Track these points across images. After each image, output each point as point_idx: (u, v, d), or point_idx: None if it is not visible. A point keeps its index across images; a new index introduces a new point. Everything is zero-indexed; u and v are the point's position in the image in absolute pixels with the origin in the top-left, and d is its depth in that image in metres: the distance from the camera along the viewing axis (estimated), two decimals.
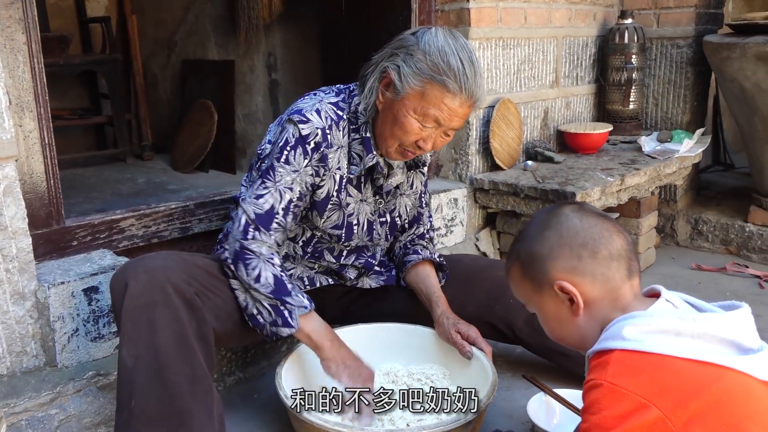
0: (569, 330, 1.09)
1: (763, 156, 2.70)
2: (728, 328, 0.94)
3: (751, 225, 2.81)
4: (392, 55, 1.51)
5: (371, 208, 1.70)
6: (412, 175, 1.77)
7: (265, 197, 1.52)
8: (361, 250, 1.74)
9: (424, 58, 1.45)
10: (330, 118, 1.56)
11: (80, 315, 1.58)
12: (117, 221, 1.78)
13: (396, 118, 1.50)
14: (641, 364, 0.93)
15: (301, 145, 1.52)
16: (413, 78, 1.46)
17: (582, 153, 2.79)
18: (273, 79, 3.79)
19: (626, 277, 1.04)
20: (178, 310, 1.34)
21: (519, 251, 1.12)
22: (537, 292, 1.09)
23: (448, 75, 1.44)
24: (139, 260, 1.43)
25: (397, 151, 1.57)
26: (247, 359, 1.88)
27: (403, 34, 1.54)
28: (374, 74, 1.54)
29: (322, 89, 1.66)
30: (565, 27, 2.81)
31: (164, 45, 4.48)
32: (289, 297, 1.47)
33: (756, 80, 2.53)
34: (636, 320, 0.97)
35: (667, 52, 3.00)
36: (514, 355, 1.99)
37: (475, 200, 2.54)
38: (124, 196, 3.48)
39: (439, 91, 1.45)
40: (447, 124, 1.50)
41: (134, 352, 1.31)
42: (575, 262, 1.04)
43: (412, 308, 1.79)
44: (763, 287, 2.54)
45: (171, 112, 4.52)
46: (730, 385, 0.90)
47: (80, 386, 1.55)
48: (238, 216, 1.51)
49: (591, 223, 1.05)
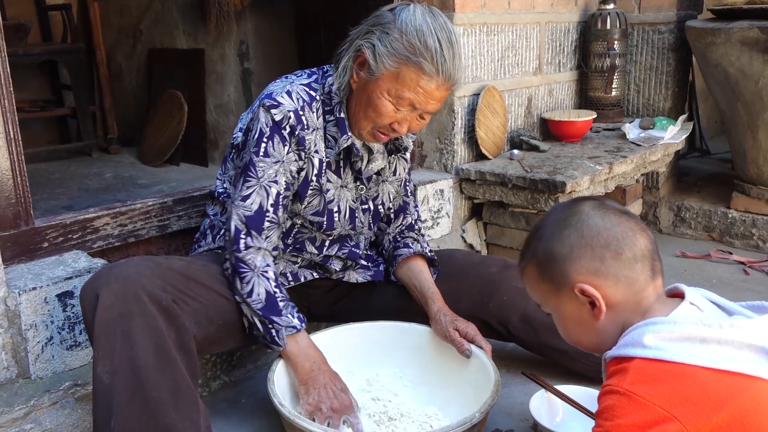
0: (588, 333, 1.04)
1: (746, 142, 2.69)
2: (758, 333, 0.88)
3: (734, 211, 2.81)
4: (368, 32, 1.44)
5: (353, 194, 1.63)
6: (395, 161, 1.70)
7: (251, 197, 1.45)
8: (344, 240, 1.67)
9: (400, 37, 1.38)
10: (302, 99, 1.49)
11: (54, 322, 1.47)
12: (90, 220, 1.67)
13: (370, 99, 1.44)
14: (662, 374, 0.88)
15: (277, 133, 1.46)
16: (388, 58, 1.39)
17: (566, 141, 2.75)
18: (246, 68, 3.66)
19: (650, 279, 0.98)
20: (155, 320, 1.26)
21: (536, 250, 1.05)
22: (555, 293, 1.03)
23: (424, 56, 1.37)
24: (109, 268, 1.33)
25: (370, 133, 1.51)
26: (233, 362, 1.80)
27: (380, 9, 1.47)
28: (348, 52, 1.47)
29: (295, 73, 1.59)
30: (548, 12, 2.76)
31: (129, 33, 4.31)
32: (277, 317, 1.44)
33: (740, 65, 2.52)
34: (658, 326, 0.92)
35: (648, 38, 2.97)
36: (506, 351, 1.94)
37: (461, 191, 2.48)
38: (92, 191, 3.33)
39: (414, 73, 1.39)
40: (422, 108, 1.44)
41: (110, 368, 1.22)
42: (597, 263, 0.98)
43: (402, 304, 1.72)
44: (748, 273, 2.54)
45: (137, 103, 4.36)
46: (759, 395, 0.85)
47: (56, 398, 1.45)
48: (230, 223, 1.46)
49: (613, 222, 0.99)
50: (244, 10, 3.52)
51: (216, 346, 1.54)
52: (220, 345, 1.54)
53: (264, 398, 1.42)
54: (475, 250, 2.53)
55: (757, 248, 2.75)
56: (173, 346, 1.28)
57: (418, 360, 1.67)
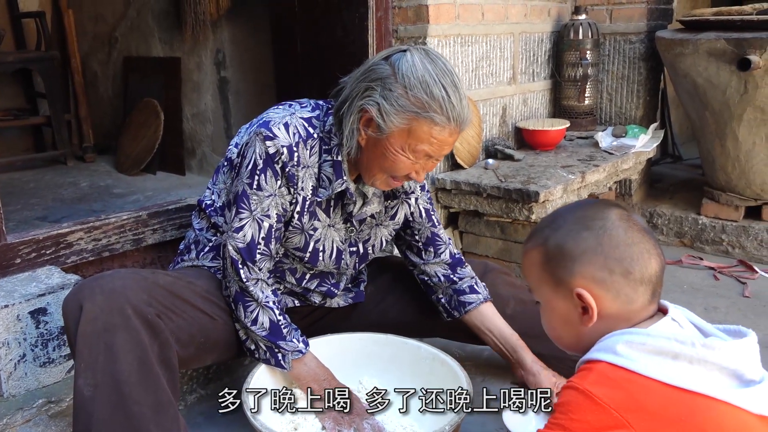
0: (570, 333, 1.04)
1: (715, 150, 2.75)
2: (731, 357, 0.89)
3: (704, 217, 2.87)
4: (368, 89, 1.39)
5: (341, 235, 1.60)
6: (397, 205, 1.66)
7: (244, 229, 1.46)
8: (325, 276, 1.66)
9: (405, 93, 1.35)
10: (298, 134, 1.46)
11: (27, 339, 1.46)
12: (64, 235, 1.66)
13: (384, 155, 1.41)
14: (624, 381, 0.89)
15: (270, 167, 1.44)
16: (396, 116, 1.36)
17: (540, 149, 2.79)
18: (222, 77, 3.66)
19: (647, 302, 0.98)
20: (139, 334, 1.26)
21: (548, 238, 1.02)
22: (552, 286, 1.02)
23: (433, 108, 1.34)
24: (94, 280, 1.33)
25: (384, 182, 1.49)
26: (209, 376, 1.80)
27: (374, 60, 1.42)
28: (351, 114, 1.42)
29: (299, 101, 1.56)
30: (522, 23, 2.79)
31: (104, 41, 4.28)
32: (283, 342, 1.48)
33: (707, 76, 2.57)
34: (632, 337, 0.93)
35: (620, 48, 3.03)
36: (483, 358, 1.96)
37: (437, 200, 2.50)
38: (67, 201, 3.31)
39: (426, 126, 1.36)
40: (438, 155, 1.43)
41: (92, 381, 1.22)
42: (605, 274, 0.96)
43: (378, 319, 1.75)
44: (719, 279, 2.60)
45: (113, 111, 4.33)
46: (720, 418, 0.87)
47: (30, 416, 1.44)
48: (226, 252, 1.47)
49: (635, 239, 0.97)
50: (220, 19, 3.52)
51: (195, 362, 1.55)
52: (199, 361, 1.55)
53: (241, 411, 1.43)
54: None
55: (726, 254, 2.80)
56: (156, 361, 1.28)
57: (394, 371, 1.68)
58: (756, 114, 2.53)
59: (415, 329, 1.76)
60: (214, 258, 1.60)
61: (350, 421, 1.48)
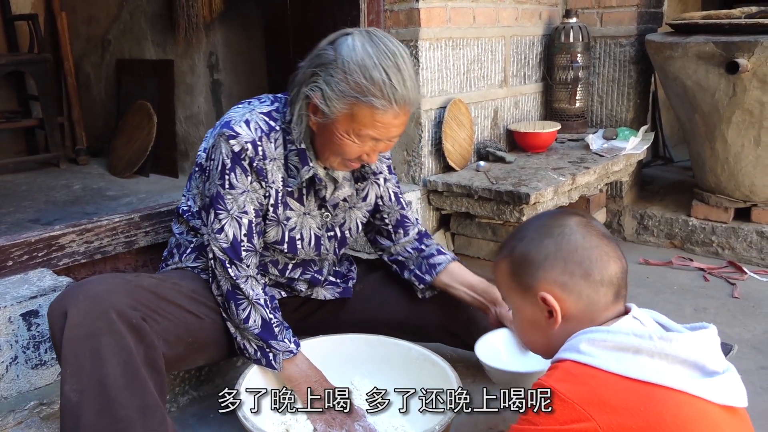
0: (540, 337, 1.10)
1: (704, 152, 2.77)
2: (691, 348, 0.93)
3: (694, 219, 2.89)
4: (313, 75, 1.40)
5: (317, 222, 1.62)
6: (367, 186, 1.69)
7: (224, 229, 1.47)
8: (307, 264, 1.68)
9: (344, 78, 1.35)
10: (260, 129, 1.48)
11: (19, 342, 1.47)
12: (56, 238, 1.67)
13: (332, 139, 1.44)
14: (586, 377, 0.94)
15: (238, 164, 1.46)
16: (338, 102, 1.36)
17: (532, 152, 2.81)
18: (215, 80, 3.67)
19: (611, 302, 1.04)
20: (124, 338, 1.26)
21: (513, 249, 1.10)
22: (520, 293, 1.09)
23: (373, 93, 1.34)
24: (78, 286, 1.33)
25: (341, 164, 1.51)
26: (201, 377, 1.80)
27: (321, 45, 1.42)
28: (299, 100, 1.44)
29: (258, 97, 1.58)
30: (513, 26, 2.81)
31: (97, 44, 4.28)
32: (274, 341, 1.49)
33: (697, 79, 2.60)
34: (594, 335, 0.97)
35: (610, 51, 3.05)
36: (473, 361, 1.97)
37: (429, 202, 2.51)
38: (60, 204, 3.31)
39: (368, 111, 1.36)
40: (385, 137, 1.43)
41: (78, 386, 1.22)
42: (566, 278, 1.03)
43: (369, 318, 1.76)
44: (708, 280, 2.62)
45: (106, 114, 4.34)
46: (679, 408, 0.90)
47: (21, 417, 1.44)
48: (212, 254, 1.49)
49: (593, 243, 1.04)
50: (213, 22, 3.53)
51: (185, 364, 1.55)
52: (189, 362, 1.56)
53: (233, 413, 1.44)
54: None
55: (716, 255, 2.83)
56: (142, 364, 1.28)
57: (385, 372, 1.69)
58: (744, 116, 2.55)
59: (403, 329, 1.77)
60: (196, 258, 1.62)
61: (341, 422, 1.49)
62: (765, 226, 2.73)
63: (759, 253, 2.71)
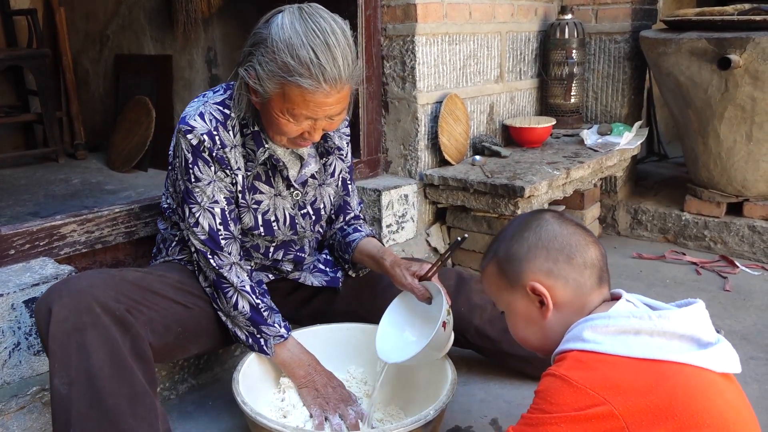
0: (535, 331, 1.13)
1: (698, 147, 2.81)
2: (686, 323, 0.97)
3: (687, 214, 2.92)
4: (249, 54, 1.39)
5: (290, 201, 1.63)
6: (332, 161, 1.69)
7: (200, 222, 1.50)
8: (288, 245, 1.69)
9: (273, 57, 1.33)
10: (215, 119, 1.48)
11: (21, 328, 1.49)
12: (57, 227, 1.69)
13: (271, 120, 1.43)
14: (596, 363, 0.96)
15: (199, 156, 1.47)
16: (269, 82, 1.35)
17: (527, 146, 2.84)
18: (214, 75, 3.69)
19: (596, 285, 1.08)
20: (109, 330, 1.29)
21: (497, 250, 1.15)
22: (510, 290, 1.12)
23: (300, 72, 1.31)
24: (62, 283, 1.37)
25: (291, 142, 1.49)
26: (200, 366, 1.83)
27: (258, 24, 1.40)
28: (238, 80, 1.43)
29: (213, 88, 1.58)
30: (509, 22, 2.84)
31: (96, 39, 4.30)
32: (264, 326, 1.53)
33: (690, 75, 2.63)
34: (595, 322, 1.00)
35: (605, 47, 3.08)
36: (467, 351, 2.00)
37: (425, 196, 2.54)
38: (59, 198, 3.33)
39: (297, 90, 1.33)
40: (321, 116, 1.40)
41: (67, 379, 1.24)
42: (551, 264, 1.07)
43: (367, 309, 1.77)
44: (701, 273, 2.65)
45: (105, 108, 4.35)
46: (687, 380, 0.93)
47: (24, 402, 1.47)
48: (193, 247, 1.53)
49: (570, 231, 1.10)
50: (211, 17, 3.56)
51: (179, 353, 1.58)
52: (183, 351, 1.58)
53: (231, 400, 1.47)
54: (439, 253, 2.59)
55: (709, 249, 2.86)
56: (128, 354, 1.30)
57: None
58: (737, 112, 2.59)
59: None
60: (182, 250, 1.65)
61: (335, 407, 1.52)
62: (757, 220, 2.76)
63: (751, 247, 2.75)
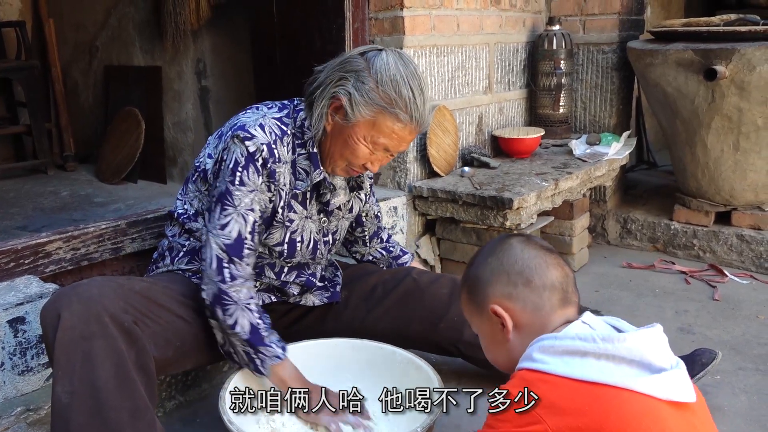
0: (501, 352, 1.16)
1: (685, 157, 2.82)
2: (636, 348, 0.98)
3: (676, 223, 2.94)
4: (341, 78, 1.49)
5: (317, 226, 1.68)
6: (352, 199, 1.77)
7: (230, 225, 1.49)
8: (302, 268, 1.72)
9: (376, 87, 1.46)
10: (274, 133, 1.54)
11: (5, 348, 1.48)
12: (42, 245, 1.68)
13: (346, 142, 1.52)
14: (537, 382, 0.99)
15: (252, 163, 1.50)
16: (365, 107, 1.47)
17: (516, 157, 2.84)
18: (203, 86, 3.69)
19: (557, 307, 1.10)
20: (116, 341, 1.28)
21: (467, 275, 1.19)
22: (478, 314, 1.16)
23: (399, 106, 1.46)
24: (72, 288, 1.35)
25: (343, 170, 1.61)
26: (188, 382, 1.82)
27: (351, 53, 1.53)
28: (323, 99, 1.52)
29: (265, 103, 1.63)
30: (497, 34, 2.85)
31: (85, 50, 4.29)
32: (262, 346, 1.50)
33: (677, 85, 2.64)
34: (544, 342, 1.03)
35: (593, 58, 3.09)
36: (457, 364, 2.00)
37: (415, 207, 2.54)
38: (47, 210, 3.31)
39: (390, 121, 1.48)
40: (395, 150, 1.56)
41: (69, 388, 1.23)
42: (510, 288, 1.11)
43: (358, 327, 1.77)
44: (690, 283, 2.66)
45: (94, 120, 4.34)
46: (622, 404, 0.94)
47: (8, 424, 1.46)
48: (209, 252, 1.48)
49: (531, 255, 1.12)
50: (201, 29, 3.55)
51: (174, 367, 1.57)
52: (177, 366, 1.57)
53: (218, 417, 1.46)
54: (429, 264, 2.59)
55: (698, 258, 2.87)
56: (133, 367, 1.30)
57: (369, 376, 1.71)
58: (723, 122, 2.60)
59: (389, 337, 1.79)
60: (189, 261, 1.64)
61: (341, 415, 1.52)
62: (745, 229, 2.78)
63: (739, 255, 2.76)
